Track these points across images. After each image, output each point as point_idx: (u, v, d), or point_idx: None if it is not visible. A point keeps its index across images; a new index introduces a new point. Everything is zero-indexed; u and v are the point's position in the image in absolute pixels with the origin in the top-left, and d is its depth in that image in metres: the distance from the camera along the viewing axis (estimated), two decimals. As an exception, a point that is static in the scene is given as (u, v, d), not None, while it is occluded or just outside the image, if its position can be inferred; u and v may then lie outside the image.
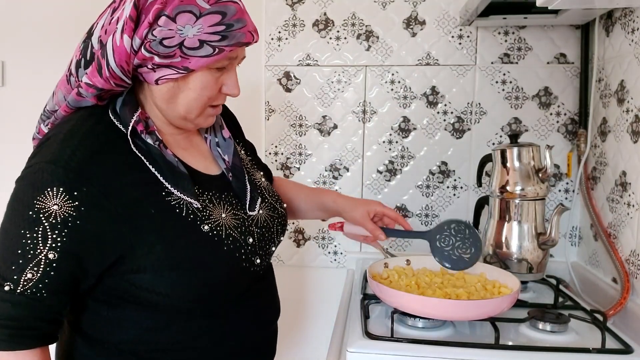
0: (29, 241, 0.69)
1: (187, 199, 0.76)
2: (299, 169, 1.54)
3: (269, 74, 1.52)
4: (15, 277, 0.69)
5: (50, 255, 0.69)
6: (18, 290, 0.69)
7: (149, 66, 0.73)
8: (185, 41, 0.71)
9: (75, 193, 0.69)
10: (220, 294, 0.81)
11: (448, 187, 1.49)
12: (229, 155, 0.89)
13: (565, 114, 1.43)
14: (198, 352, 0.81)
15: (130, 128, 0.74)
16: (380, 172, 1.51)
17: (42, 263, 0.69)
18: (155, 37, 0.71)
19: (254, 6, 1.50)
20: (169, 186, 0.75)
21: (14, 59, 1.63)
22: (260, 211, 0.88)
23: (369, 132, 1.51)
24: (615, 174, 1.20)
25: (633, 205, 1.12)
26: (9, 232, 0.71)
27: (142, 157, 0.75)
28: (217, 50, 0.73)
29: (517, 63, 1.43)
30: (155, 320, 0.78)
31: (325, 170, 1.53)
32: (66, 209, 0.69)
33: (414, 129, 1.49)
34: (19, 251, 0.69)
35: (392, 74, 1.48)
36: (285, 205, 0.98)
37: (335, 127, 1.52)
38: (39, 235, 0.68)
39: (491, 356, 0.88)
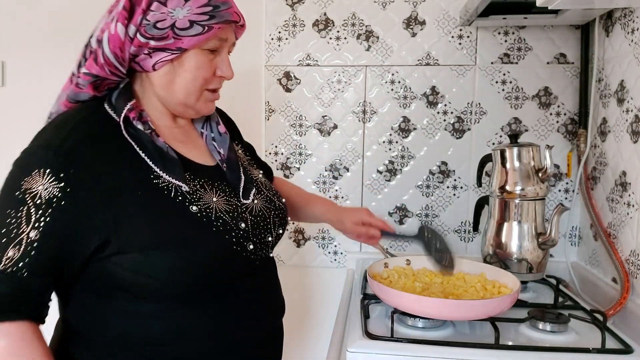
0: (12, 220, 0.70)
1: (176, 182, 0.77)
2: (299, 169, 1.54)
3: (269, 74, 1.52)
4: None
5: (32, 234, 0.70)
6: (1, 267, 0.69)
7: (145, 52, 0.78)
8: (177, 22, 0.77)
9: (62, 175, 0.71)
10: (209, 279, 0.78)
11: (448, 187, 1.49)
12: (224, 149, 0.90)
13: (565, 114, 1.43)
14: (191, 345, 0.78)
15: (122, 116, 0.77)
16: (380, 172, 1.51)
17: (23, 242, 0.70)
18: (149, 21, 0.76)
19: (254, 6, 1.50)
20: (157, 170, 0.77)
21: (14, 59, 1.63)
22: (255, 201, 0.89)
23: (369, 132, 1.51)
24: (615, 174, 1.20)
25: (633, 205, 1.12)
26: None
27: (133, 143, 0.77)
28: (206, 28, 0.78)
29: (517, 63, 1.43)
30: (144, 309, 0.76)
31: (325, 170, 1.53)
32: (52, 190, 0.70)
33: (414, 129, 1.49)
34: (3, 230, 0.70)
35: (392, 74, 1.48)
36: (284, 200, 0.98)
37: (335, 127, 1.52)
38: (23, 215, 0.70)
39: (491, 356, 0.88)
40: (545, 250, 1.22)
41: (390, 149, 1.50)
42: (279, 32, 1.51)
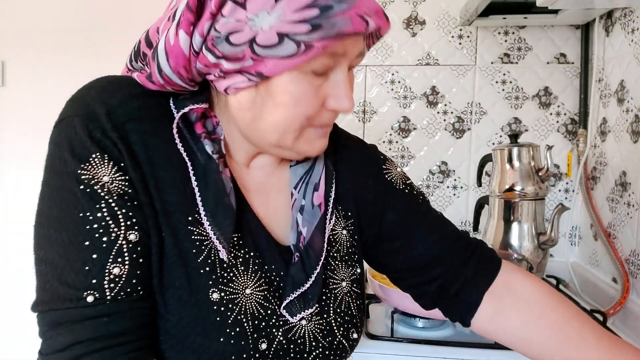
0: (95, 225, 0.48)
1: (216, 242, 0.53)
2: (299, 169, 1.54)
3: (269, 74, 1.52)
4: (94, 280, 0.48)
5: (132, 237, 0.50)
6: (108, 297, 0.48)
7: (217, 73, 0.52)
8: (258, 36, 0.48)
9: (123, 164, 0.51)
10: None
11: (448, 187, 1.49)
12: (310, 228, 0.61)
13: (565, 114, 1.43)
14: None
15: (179, 117, 0.54)
16: (380, 172, 1.51)
17: (125, 251, 0.49)
18: (219, 32, 0.49)
19: (254, 6, 1.50)
20: (202, 213, 0.54)
21: (14, 59, 1.63)
22: (304, 321, 0.59)
23: (369, 132, 1.51)
24: (615, 174, 1.20)
25: (633, 205, 1.12)
26: (60, 221, 0.49)
27: (188, 163, 0.54)
28: (303, 47, 0.48)
29: (517, 63, 1.43)
30: None
31: (325, 170, 1.53)
32: (119, 184, 0.50)
33: (414, 129, 1.49)
34: (86, 243, 0.48)
35: (392, 74, 1.48)
36: (356, 336, 0.64)
37: (335, 127, 1.52)
38: (106, 215, 0.49)
39: (491, 356, 0.88)
40: (545, 250, 1.22)
41: (390, 149, 1.50)
42: (279, 32, 1.51)
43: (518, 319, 0.64)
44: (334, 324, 0.61)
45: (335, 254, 0.64)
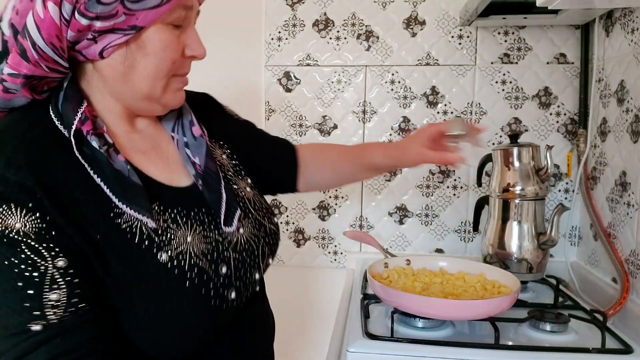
0: (22, 266, 0.52)
1: (140, 217, 0.60)
2: (299, 169, 1.54)
3: (269, 74, 1.52)
4: (36, 312, 0.52)
5: (60, 263, 0.54)
6: (53, 320, 0.52)
7: (89, 36, 0.59)
8: None
9: (31, 205, 0.53)
10: (181, 345, 0.62)
11: (448, 187, 1.49)
12: (201, 157, 0.73)
13: (565, 114, 1.43)
14: None
15: (73, 129, 0.59)
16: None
17: (57, 277, 0.53)
18: None
19: (254, 6, 1.50)
20: (118, 203, 0.59)
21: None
22: (241, 229, 0.72)
23: (369, 132, 1.51)
24: (615, 174, 1.20)
25: (633, 205, 1.12)
26: None
27: (87, 166, 0.59)
28: None
29: (517, 63, 1.43)
30: None
31: (325, 170, 1.53)
32: (32, 225, 0.53)
33: (414, 129, 1.49)
34: (19, 283, 0.52)
35: (392, 74, 1.48)
36: (276, 220, 0.82)
37: (335, 127, 1.52)
38: (28, 253, 0.52)
39: (491, 356, 0.88)
40: (545, 250, 1.22)
41: (390, 149, 1.50)
42: (279, 32, 1.51)
43: (318, 169, 0.96)
44: (259, 217, 0.77)
45: (228, 174, 0.78)
